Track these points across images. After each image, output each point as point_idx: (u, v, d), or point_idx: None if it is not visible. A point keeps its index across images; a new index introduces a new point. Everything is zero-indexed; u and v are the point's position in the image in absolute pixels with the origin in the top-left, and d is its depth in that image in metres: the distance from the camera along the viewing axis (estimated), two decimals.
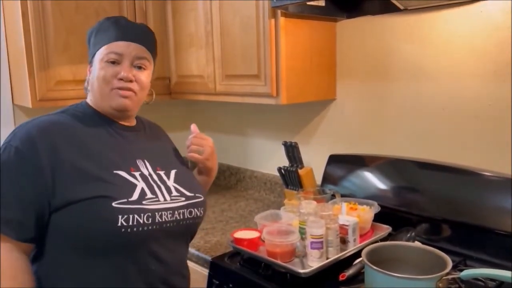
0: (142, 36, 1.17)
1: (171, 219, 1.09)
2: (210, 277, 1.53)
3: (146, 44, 1.17)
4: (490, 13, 1.46)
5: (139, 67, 1.15)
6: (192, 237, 1.24)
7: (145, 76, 1.16)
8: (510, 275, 1.04)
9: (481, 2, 1.47)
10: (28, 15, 1.81)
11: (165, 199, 1.10)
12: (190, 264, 1.60)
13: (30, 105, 1.87)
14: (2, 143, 1.06)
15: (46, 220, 1.02)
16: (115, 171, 1.07)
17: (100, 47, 1.13)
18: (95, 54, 1.15)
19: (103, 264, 1.03)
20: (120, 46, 1.13)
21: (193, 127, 1.32)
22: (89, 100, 1.18)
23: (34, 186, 1.00)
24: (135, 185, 1.07)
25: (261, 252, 1.41)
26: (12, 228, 0.98)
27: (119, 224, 0.99)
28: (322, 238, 1.31)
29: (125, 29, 1.15)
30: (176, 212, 1.10)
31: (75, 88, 1.90)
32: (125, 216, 1.00)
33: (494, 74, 1.48)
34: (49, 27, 1.86)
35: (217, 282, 1.49)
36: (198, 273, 1.58)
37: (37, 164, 1.00)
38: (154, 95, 1.38)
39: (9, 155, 1.01)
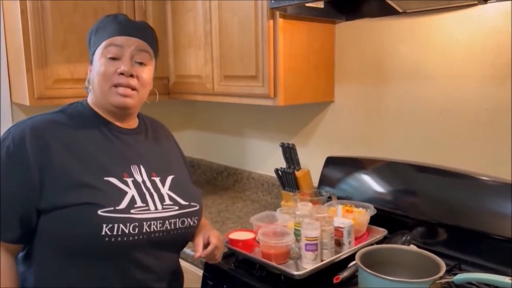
0: (142, 31, 1.15)
1: (161, 229, 1.07)
2: (205, 278, 1.52)
3: (146, 39, 1.14)
4: (488, 17, 1.46)
5: (140, 63, 1.12)
6: (184, 245, 1.21)
7: (146, 73, 1.13)
8: (503, 280, 1.03)
9: (479, 6, 1.47)
10: (27, 13, 1.82)
11: (156, 208, 1.08)
12: (185, 264, 1.60)
13: (27, 103, 1.88)
14: None
15: (33, 222, 1.02)
16: (105, 178, 1.05)
17: (100, 44, 1.12)
18: (95, 52, 1.13)
19: (84, 269, 1.02)
20: (120, 39, 1.10)
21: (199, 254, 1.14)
22: (90, 99, 1.16)
23: (20, 187, 0.99)
24: (125, 193, 1.05)
25: (256, 254, 1.42)
26: None
27: (103, 233, 0.98)
28: (316, 240, 1.31)
29: (125, 24, 1.13)
30: (167, 221, 1.08)
31: (73, 87, 1.91)
32: (110, 225, 0.99)
33: (492, 78, 1.47)
34: (48, 26, 1.86)
35: (212, 283, 1.49)
36: (193, 274, 1.58)
37: (24, 165, 1.00)
38: (157, 96, 1.31)
39: (0, 154, 1.01)
